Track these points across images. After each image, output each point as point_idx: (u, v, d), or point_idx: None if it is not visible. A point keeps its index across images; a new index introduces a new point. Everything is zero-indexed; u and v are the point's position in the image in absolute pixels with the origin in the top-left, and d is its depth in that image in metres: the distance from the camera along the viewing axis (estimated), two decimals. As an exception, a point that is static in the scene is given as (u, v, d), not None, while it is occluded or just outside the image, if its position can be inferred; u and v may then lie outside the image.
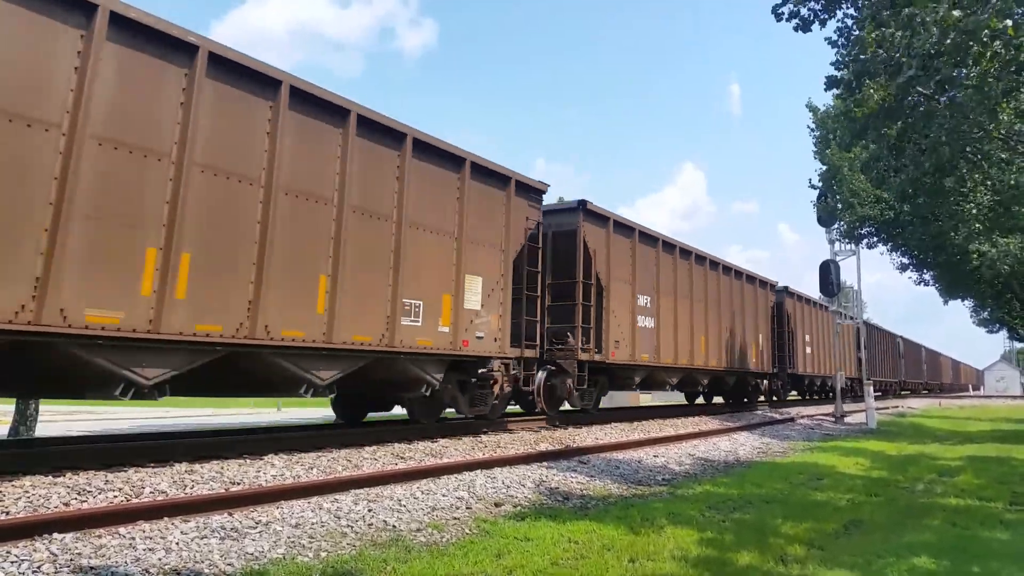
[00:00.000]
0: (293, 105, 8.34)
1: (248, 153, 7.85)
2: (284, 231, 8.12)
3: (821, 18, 11.58)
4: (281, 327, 8.00)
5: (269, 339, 7.85)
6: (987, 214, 16.71)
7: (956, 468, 10.87)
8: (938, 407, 37.47)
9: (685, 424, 16.12)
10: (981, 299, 33.75)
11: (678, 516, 6.46)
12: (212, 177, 7.45)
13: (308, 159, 8.52)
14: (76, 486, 5.93)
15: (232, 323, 7.52)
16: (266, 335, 7.82)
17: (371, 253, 9.29)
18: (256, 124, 7.99)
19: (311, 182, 8.54)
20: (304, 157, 8.46)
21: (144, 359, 6.85)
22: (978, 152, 13.33)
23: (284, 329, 8.04)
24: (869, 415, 20.51)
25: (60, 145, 6.21)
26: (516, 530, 5.66)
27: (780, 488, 8.42)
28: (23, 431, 11.77)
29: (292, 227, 8.24)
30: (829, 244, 23.95)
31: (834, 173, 24.33)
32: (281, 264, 8.07)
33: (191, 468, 7.05)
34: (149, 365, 6.88)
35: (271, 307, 7.88)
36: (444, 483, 7.37)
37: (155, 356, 6.96)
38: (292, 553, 4.77)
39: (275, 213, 8.01)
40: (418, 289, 9.91)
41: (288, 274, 8.16)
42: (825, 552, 5.41)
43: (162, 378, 7.01)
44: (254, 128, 7.96)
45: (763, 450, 13.05)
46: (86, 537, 4.68)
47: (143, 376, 6.82)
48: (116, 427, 14.66)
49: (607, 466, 9.47)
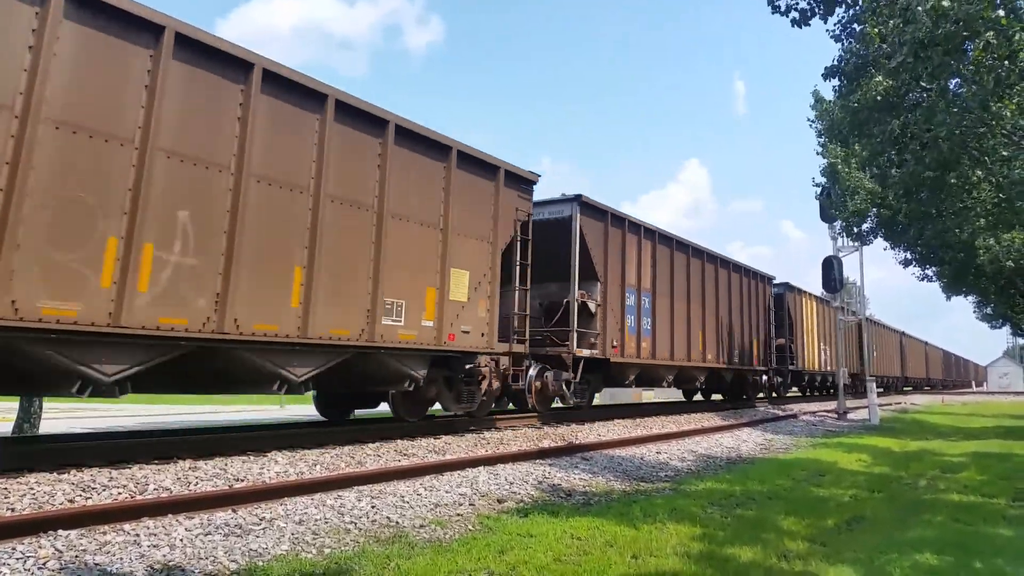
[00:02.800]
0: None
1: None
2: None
3: (820, 13, 11.43)
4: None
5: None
6: (991, 210, 16.67)
7: (959, 464, 10.87)
8: (941, 403, 37.44)
9: (687, 421, 16.13)
10: (984, 295, 33.64)
11: (680, 512, 6.47)
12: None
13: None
14: (80, 483, 5.96)
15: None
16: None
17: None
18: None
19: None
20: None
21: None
22: (980, 148, 13.29)
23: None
24: (872, 411, 20.50)
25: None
26: (519, 526, 5.67)
27: (783, 484, 8.42)
28: (27, 428, 11.80)
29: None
30: (832, 240, 23.95)
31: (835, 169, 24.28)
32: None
33: (195, 465, 7.08)
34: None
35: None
36: (447, 480, 7.39)
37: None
38: (296, 550, 4.79)
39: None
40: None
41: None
42: (828, 548, 5.41)
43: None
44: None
45: (766, 446, 13.06)
46: (91, 534, 4.71)
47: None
48: (120, 424, 14.70)
49: (609, 463, 9.48)
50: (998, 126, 11.63)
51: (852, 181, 21.28)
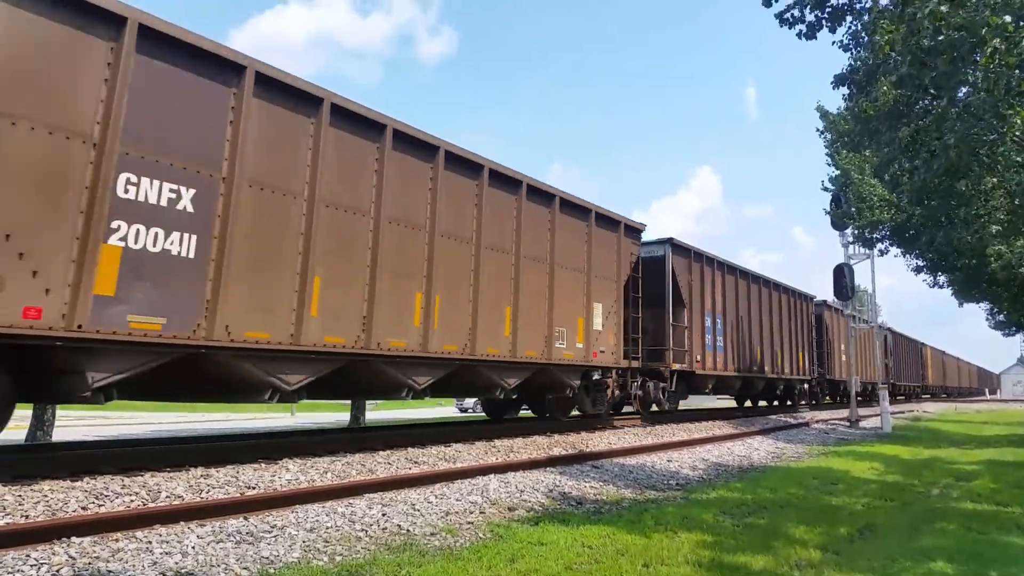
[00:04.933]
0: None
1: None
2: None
3: (828, 25, 11.39)
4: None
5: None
6: (1005, 217, 16.54)
7: (972, 472, 10.78)
8: (954, 411, 37.14)
9: (699, 428, 16.07)
10: (997, 302, 33.38)
11: (692, 521, 6.45)
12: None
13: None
14: (94, 490, 5.99)
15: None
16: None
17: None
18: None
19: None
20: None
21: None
22: (992, 154, 13.21)
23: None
24: (884, 419, 20.35)
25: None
26: (530, 535, 5.66)
27: (794, 493, 8.37)
28: (40, 436, 11.88)
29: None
30: (843, 247, 23.84)
31: (846, 177, 24.23)
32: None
33: (207, 472, 7.11)
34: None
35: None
36: (457, 487, 7.39)
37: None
38: (307, 557, 4.80)
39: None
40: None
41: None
42: (840, 557, 5.38)
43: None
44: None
45: (777, 455, 12.98)
46: (104, 541, 4.74)
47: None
48: (131, 432, 14.78)
49: (620, 471, 9.45)
50: (1009, 132, 11.54)
51: (866, 189, 21.25)
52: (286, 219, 8.05)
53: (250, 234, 7.62)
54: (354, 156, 8.97)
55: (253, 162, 7.72)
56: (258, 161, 7.79)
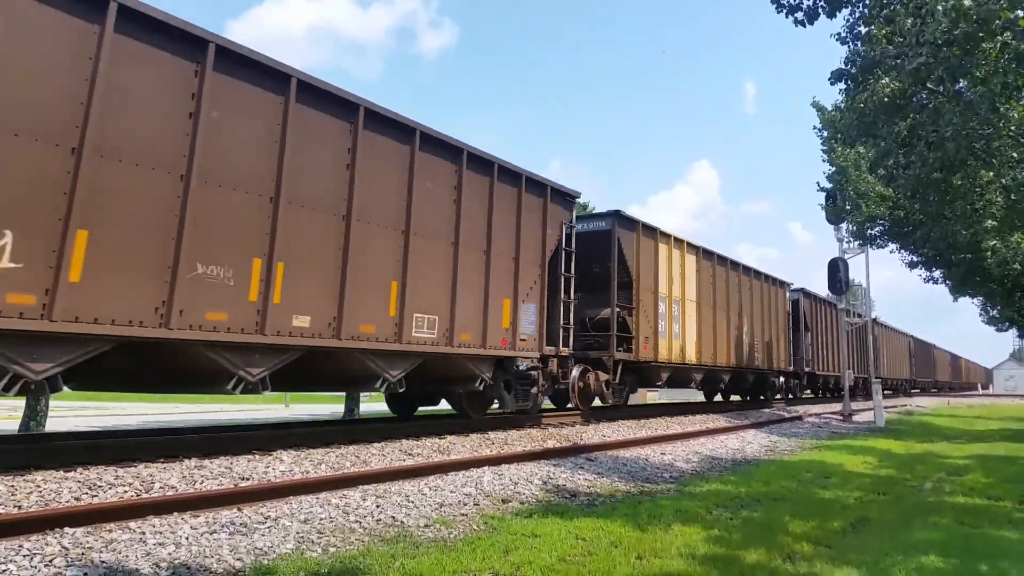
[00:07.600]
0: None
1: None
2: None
3: (826, 11, 11.36)
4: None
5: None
6: (1000, 212, 16.59)
7: (965, 467, 10.83)
8: (947, 406, 37.31)
9: (692, 422, 16.10)
10: (991, 297, 33.51)
11: (685, 513, 6.46)
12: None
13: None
14: (87, 481, 5.98)
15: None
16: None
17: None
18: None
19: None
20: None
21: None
22: (987, 149, 13.23)
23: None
24: (877, 413, 20.44)
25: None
26: (523, 527, 5.67)
27: (788, 486, 8.40)
28: (33, 426, 11.83)
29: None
30: (838, 242, 23.88)
31: (842, 173, 24.27)
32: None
33: (200, 463, 7.10)
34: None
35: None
36: (451, 479, 7.39)
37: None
38: (301, 548, 4.80)
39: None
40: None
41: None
42: (833, 550, 5.40)
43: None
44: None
45: (771, 448, 13.02)
46: (97, 531, 4.72)
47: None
48: (125, 423, 14.75)
49: (614, 464, 9.47)
50: (1005, 128, 11.57)
51: (863, 184, 21.27)
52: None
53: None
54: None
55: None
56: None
